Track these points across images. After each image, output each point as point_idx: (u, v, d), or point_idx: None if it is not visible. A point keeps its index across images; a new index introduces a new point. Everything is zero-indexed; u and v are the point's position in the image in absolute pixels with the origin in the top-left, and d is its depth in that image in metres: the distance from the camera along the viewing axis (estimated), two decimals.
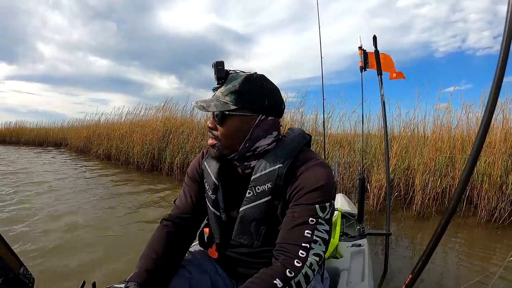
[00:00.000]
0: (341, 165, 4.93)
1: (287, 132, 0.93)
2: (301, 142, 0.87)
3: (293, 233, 0.76)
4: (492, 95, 0.64)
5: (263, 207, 0.83)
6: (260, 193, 0.82)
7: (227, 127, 0.83)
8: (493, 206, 3.42)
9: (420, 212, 3.65)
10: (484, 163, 3.57)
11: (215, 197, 0.92)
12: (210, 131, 0.86)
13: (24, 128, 17.28)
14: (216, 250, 0.96)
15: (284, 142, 0.87)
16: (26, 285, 0.64)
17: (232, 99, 0.81)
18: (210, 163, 0.94)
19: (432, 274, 2.13)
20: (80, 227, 3.00)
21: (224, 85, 0.83)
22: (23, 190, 4.47)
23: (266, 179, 0.82)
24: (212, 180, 0.92)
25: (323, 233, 0.75)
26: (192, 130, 6.63)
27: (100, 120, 10.72)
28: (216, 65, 0.83)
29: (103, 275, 2.03)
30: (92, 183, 5.31)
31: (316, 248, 0.74)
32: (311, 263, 0.72)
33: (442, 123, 4.51)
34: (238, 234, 0.88)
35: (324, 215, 0.77)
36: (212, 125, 0.85)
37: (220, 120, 0.82)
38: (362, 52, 2.23)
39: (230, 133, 0.83)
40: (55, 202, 3.90)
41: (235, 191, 0.90)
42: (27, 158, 9.24)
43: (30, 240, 2.59)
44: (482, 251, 2.64)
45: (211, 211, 0.93)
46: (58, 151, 12.14)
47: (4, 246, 0.63)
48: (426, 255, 0.79)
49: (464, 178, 0.72)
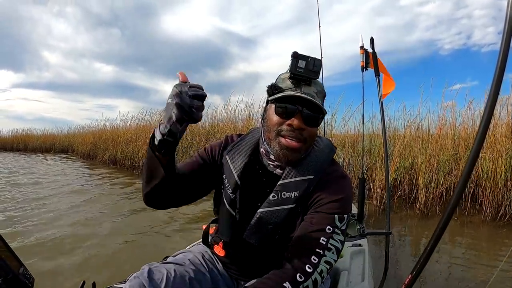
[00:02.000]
0: (344, 165, 4.93)
1: (316, 140, 0.91)
2: (330, 155, 0.88)
3: (309, 238, 0.76)
4: (492, 94, 0.64)
5: (284, 213, 0.82)
6: (285, 199, 0.82)
7: (317, 128, 0.83)
8: (498, 203, 3.40)
9: (424, 211, 3.63)
10: (488, 160, 3.55)
11: (234, 196, 0.89)
12: (299, 132, 0.79)
13: (31, 135, 17.45)
14: (223, 248, 0.95)
15: (315, 152, 0.86)
16: (26, 285, 0.64)
17: (322, 102, 0.83)
18: (233, 159, 0.91)
19: (436, 273, 2.12)
20: (82, 228, 3.04)
21: (313, 85, 0.81)
22: (27, 192, 4.55)
23: (294, 187, 0.81)
24: (234, 179, 0.89)
25: (337, 242, 0.76)
26: (196, 134, 6.68)
27: (105, 126, 10.82)
28: (317, 62, 0.79)
29: (103, 275, 2.04)
30: (97, 187, 5.37)
31: (329, 256, 0.74)
32: (321, 270, 0.72)
33: (446, 120, 4.51)
34: (250, 234, 0.86)
35: (341, 226, 0.77)
36: (303, 125, 0.79)
37: (318, 121, 0.81)
38: (363, 52, 2.22)
39: (315, 135, 0.84)
40: (62, 205, 3.94)
41: (255, 192, 0.88)
42: (32, 164, 9.35)
43: (31, 240, 2.63)
44: (487, 250, 2.62)
45: (227, 209, 0.91)
46: (65, 157, 12.25)
47: (4, 246, 0.63)
48: (426, 255, 0.79)
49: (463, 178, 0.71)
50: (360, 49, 2.23)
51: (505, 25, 0.59)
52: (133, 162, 7.34)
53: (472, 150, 0.69)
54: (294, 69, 0.78)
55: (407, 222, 3.44)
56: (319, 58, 0.78)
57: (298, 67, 0.78)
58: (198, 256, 0.98)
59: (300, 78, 0.79)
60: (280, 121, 0.80)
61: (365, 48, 2.24)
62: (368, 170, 4.51)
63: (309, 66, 0.78)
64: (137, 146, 7.29)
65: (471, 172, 0.71)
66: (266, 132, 0.84)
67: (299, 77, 0.79)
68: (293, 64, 0.78)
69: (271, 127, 0.82)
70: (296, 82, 0.80)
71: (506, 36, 0.60)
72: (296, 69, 0.78)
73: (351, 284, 1.17)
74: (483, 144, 0.68)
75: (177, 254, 0.99)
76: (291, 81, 0.81)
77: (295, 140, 0.79)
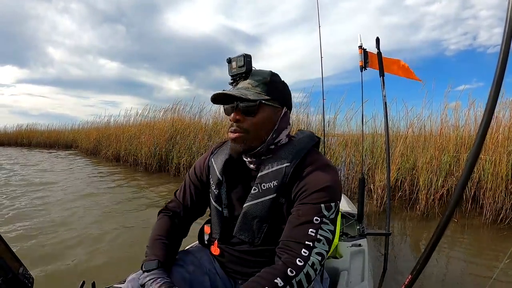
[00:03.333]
0: (346, 165, 4.94)
1: (296, 133, 0.95)
2: (309, 143, 0.89)
3: (297, 231, 0.76)
4: (492, 95, 0.62)
5: (267, 205, 0.83)
6: (266, 190, 0.83)
7: (260, 117, 0.83)
8: (499, 206, 3.39)
9: (424, 212, 3.63)
10: (490, 162, 3.54)
11: (218, 192, 0.93)
12: (237, 124, 0.84)
13: (35, 130, 17.61)
14: (217, 247, 0.97)
15: (293, 142, 0.89)
16: (26, 285, 0.65)
17: (264, 90, 0.84)
18: (216, 159, 0.96)
19: (436, 276, 2.12)
20: (82, 226, 3.05)
21: (250, 78, 0.85)
22: (31, 190, 4.61)
23: (272, 177, 0.83)
24: (216, 175, 0.93)
25: (327, 232, 0.76)
26: (199, 132, 6.72)
27: (109, 122, 10.89)
28: (245, 57, 0.84)
29: (103, 275, 2.05)
30: (99, 183, 5.42)
31: (319, 247, 0.74)
32: (313, 263, 0.72)
33: (448, 121, 4.48)
34: (239, 230, 0.88)
35: (329, 215, 0.77)
36: (239, 117, 0.83)
37: (254, 109, 0.83)
38: (362, 51, 2.23)
39: (262, 123, 0.84)
40: (63, 201, 4.00)
41: (240, 188, 0.91)
42: (35, 160, 9.43)
43: (31, 239, 2.65)
44: (487, 253, 2.61)
45: (213, 206, 0.94)
46: (69, 153, 12.34)
47: (4, 246, 0.64)
48: (426, 255, 0.77)
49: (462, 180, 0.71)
50: (359, 49, 2.24)
51: (506, 25, 0.58)
52: (136, 159, 7.39)
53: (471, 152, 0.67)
54: (230, 72, 0.87)
55: (407, 223, 3.45)
56: (244, 54, 0.84)
57: (231, 69, 0.86)
58: (197, 256, 0.99)
59: (235, 77, 0.87)
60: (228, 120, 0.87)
61: (363, 47, 2.25)
62: (369, 170, 4.52)
63: (239, 64, 0.84)
64: (140, 143, 7.33)
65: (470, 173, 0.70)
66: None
67: (234, 77, 0.87)
68: (228, 69, 0.87)
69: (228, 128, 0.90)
70: (234, 82, 0.88)
71: (507, 36, 0.59)
72: (231, 71, 0.87)
73: (351, 284, 1.18)
74: (482, 146, 0.66)
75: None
76: (230, 83, 0.89)
77: (234, 132, 0.84)
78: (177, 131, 7.04)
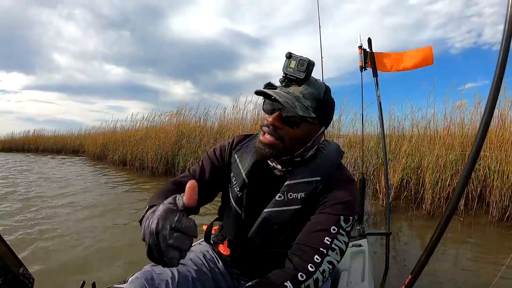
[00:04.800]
0: (351, 165, 4.96)
1: (324, 143, 0.92)
2: (338, 158, 0.88)
3: (313, 237, 0.75)
4: (492, 93, 0.66)
5: (289, 214, 0.82)
6: (292, 200, 0.82)
7: (299, 131, 0.80)
8: (505, 204, 3.39)
9: (430, 212, 3.64)
10: (496, 160, 3.54)
11: (241, 195, 0.90)
12: (273, 129, 0.79)
13: (42, 136, 17.73)
14: (228, 247, 0.95)
15: (323, 155, 0.87)
16: (26, 285, 0.65)
17: (313, 106, 0.78)
18: (242, 157, 0.93)
19: (441, 273, 2.13)
20: (84, 227, 3.09)
21: (304, 86, 0.79)
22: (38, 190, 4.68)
23: (301, 188, 0.82)
24: (242, 176, 0.90)
25: (342, 243, 0.75)
26: (205, 135, 6.77)
27: (115, 127, 10.99)
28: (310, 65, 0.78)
29: (103, 275, 2.06)
30: (105, 186, 5.48)
31: (332, 256, 0.73)
32: (323, 270, 0.71)
33: (453, 120, 4.48)
34: (255, 234, 0.86)
35: (346, 227, 0.77)
36: (279, 123, 0.79)
37: (297, 123, 0.79)
38: (362, 52, 2.25)
39: (298, 138, 0.81)
40: (71, 204, 4.05)
41: (261, 192, 0.88)
42: (39, 164, 9.54)
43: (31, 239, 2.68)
44: (493, 251, 2.61)
45: (233, 207, 0.91)
46: (75, 158, 12.45)
47: (4, 246, 0.64)
48: (426, 255, 0.80)
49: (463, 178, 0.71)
50: (359, 49, 2.27)
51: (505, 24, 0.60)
52: (142, 163, 7.46)
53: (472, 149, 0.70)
54: (285, 68, 0.79)
55: (412, 222, 3.45)
56: (309, 59, 0.78)
57: (289, 67, 0.79)
58: (200, 256, 0.99)
59: (290, 77, 0.80)
60: (265, 117, 0.82)
61: (363, 48, 2.27)
62: (374, 171, 4.54)
63: (297, 66, 0.78)
64: (147, 147, 7.41)
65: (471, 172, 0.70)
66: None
67: (289, 76, 0.80)
68: (285, 64, 0.80)
69: (261, 122, 0.85)
70: (287, 82, 0.80)
71: (507, 35, 0.60)
72: (287, 68, 0.79)
73: (351, 285, 1.18)
74: (483, 143, 0.68)
75: None
76: (281, 80, 0.82)
77: (269, 136, 0.79)
78: (183, 135, 7.11)
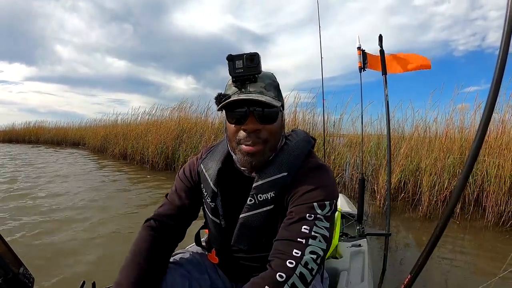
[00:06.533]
0: (351, 165, 4.99)
1: (290, 134, 0.89)
2: (306, 148, 0.84)
3: (290, 230, 0.72)
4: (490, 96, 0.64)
5: (264, 216, 0.79)
6: (262, 201, 0.79)
7: (278, 123, 0.79)
8: (501, 209, 3.41)
9: (426, 214, 3.66)
10: (493, 164, 3.57)
11: (214, 205, 0.87)
12: (255, 135, 0.76)
13: (43, 127, 17.78)
14: (216, 256, 0.94)
15: (289, 147, 0.83)
16: (26, 285, 0.65)
17: (276, 94, 0.77)
18: (207, 166, 0.89)
19: (437, 276, 2.14)
20: (84, 226, 3.07)
21: (260, 80, 0.77)
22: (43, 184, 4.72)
23: (269, 188, 0.78)
24: (210, 187, 0.86)
25: (323, 229, 0.70)
26: (205, 131, 6.80)
27: (117, 120, 11.02)
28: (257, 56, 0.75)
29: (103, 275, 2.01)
30: (106, 180, 5.51)
31: (315, 244, 0.68)
32: (306, 262, 0.66)
33: (453, 123, 4.52)
34: (237, 240, 0.84)
35: (323, 212, 0.72)
36: (258, 125, 0.76)
37: (275, 116, 0.77)
38: (361, 53, 2.26)
39: (278, 131, 0.80)
40: (69, 199, 4.09)
41: (235, 196, 0.86)
42: (41, 156, 9.56)
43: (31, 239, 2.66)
44: (488, 256, 2.62)
45: (210, 218, 0.90)
46: (75, 150, 12.47)
47: (4, 246, 0.64)
48: (425, 255, 0.79)
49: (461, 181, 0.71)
50: (358, 50, 2.27)
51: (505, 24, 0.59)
52: (143, 157, 7.50)
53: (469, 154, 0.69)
54: (233, 71, 0.75)
55: (409, 224, 3.48)
56: (254, 52, 0.74)
57: (237, 68, 0.75)
58: (196, 256, 0.98)
59: (242, 78, 0.76)
60: (236, 129, 0.78)
61: (362, 49, 2.27)
62: (373, 171, 4.56)
63: (247, 63, 0.74)
64: (147, 142, 7.44)
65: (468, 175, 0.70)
66: (229, 142, 0.83)
67: (241, 77, 0.76)
68: (230, 68, 0.75)
69: (230, 136, 0.80)
70: (240, 84, 0.77)
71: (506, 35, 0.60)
72: (235, 70, 0.75)
73: (351, 285, 1.18)
74: (481, 147, 0.66)
75: (176, 254, 0.97)
76: (235, 85, 0.77)
77: (254, 145, 0.76)
78: (184, 130, 7.15)
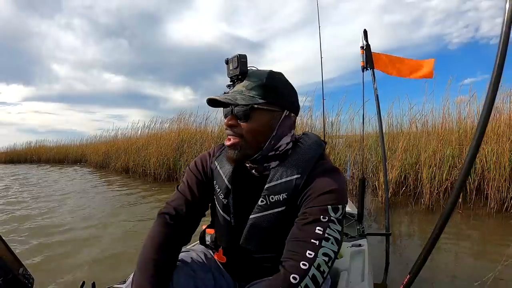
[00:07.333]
0: (352, 164, 5.02)
1: (302, 137, 0.89)
2: (318, 151, 0.84)
3: (304, 230, 0.72)
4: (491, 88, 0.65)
5: (274, 217, 0.79)
6: (274, 202, 0.79)
7: (254, 122, 0.79)
8: (503, 195, 3.45)
9: (429, 206, 3.68)
10: (492, 152, 3.59)
11: (227, 202, 0.88)
12: (231, 129, 0.80)
13: (44, 147, 17.79)
14: (223, 255, 0.94)
15: (301, 149, 0.84)
16: (26, 286, 0.65)
17: (259, 93, 0.78)
18: (222, 163, 0.91)
19: (442, 265, 2.15)
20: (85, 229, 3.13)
21: (246, 80, 0.80)
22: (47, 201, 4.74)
23: (281, 189, 0.79)
24: (224, 183, 0.88)
25: (335, 232, 0.71)
26: (206, 140, 6.86)
27: (117, 135, 11.09)
28: (240, 58, 0.79)
29: (103, 275, 2.07)
30: (105, 192, 5.51)
31: (327, 246, 0.69)
32: (319, 264, 0.67)
33: (450, 115, 4.56)
34: (246, 240, 0.84)
35: (336, 216, 0.73)
36: (233, 121, 0.79)
37: (247, 114, 0.78)
38: (364, 52, 2.29)
39: (257, 129, 0.79)
40: (73, 212, 4.12)
41: (247, 196, 0.86)
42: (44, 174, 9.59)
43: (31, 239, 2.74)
44: (494, 243, 2.63)
45: (221, 215, 0.90)
46: (78, 167, 12.50)
47: (4, 247, 0.64)
48: (424, 255, 0.80)
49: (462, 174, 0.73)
50: (361, 49, 2.29)
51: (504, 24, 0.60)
52: (145, 170, 7.53)
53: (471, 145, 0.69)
54: (228, 73, 0.83)
55: (412, 217, 3.50)
56: (242, 54, 0.80)
57: (229, 70, 0.83)
58: (201, 255, 0.97)
59: (233, 79, 0.83)
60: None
61: (365, 48, 2.29)
62: (373, 167, 4.60)
63: (233, 66, 0.81)
64: (148, 154, 7.49)
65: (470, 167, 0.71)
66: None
67: (231, 79, 0.83)
68: (227, 70, 0.83)
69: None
70: (232, 84, 0.84)
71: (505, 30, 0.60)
72: (229, 73, 0.83)
73: (351, 284, 1.17)
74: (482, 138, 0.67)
75: (180, 253, 0.97)
76: (227, 85, 0.85)
77: (231, 137, 0.81)
78: (184, 140, 7.20)
